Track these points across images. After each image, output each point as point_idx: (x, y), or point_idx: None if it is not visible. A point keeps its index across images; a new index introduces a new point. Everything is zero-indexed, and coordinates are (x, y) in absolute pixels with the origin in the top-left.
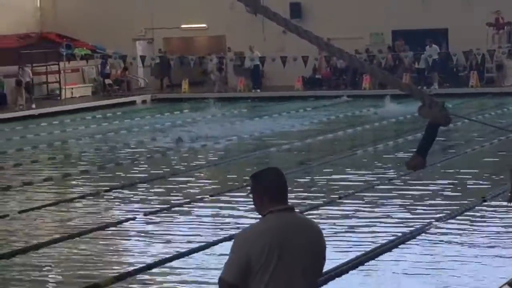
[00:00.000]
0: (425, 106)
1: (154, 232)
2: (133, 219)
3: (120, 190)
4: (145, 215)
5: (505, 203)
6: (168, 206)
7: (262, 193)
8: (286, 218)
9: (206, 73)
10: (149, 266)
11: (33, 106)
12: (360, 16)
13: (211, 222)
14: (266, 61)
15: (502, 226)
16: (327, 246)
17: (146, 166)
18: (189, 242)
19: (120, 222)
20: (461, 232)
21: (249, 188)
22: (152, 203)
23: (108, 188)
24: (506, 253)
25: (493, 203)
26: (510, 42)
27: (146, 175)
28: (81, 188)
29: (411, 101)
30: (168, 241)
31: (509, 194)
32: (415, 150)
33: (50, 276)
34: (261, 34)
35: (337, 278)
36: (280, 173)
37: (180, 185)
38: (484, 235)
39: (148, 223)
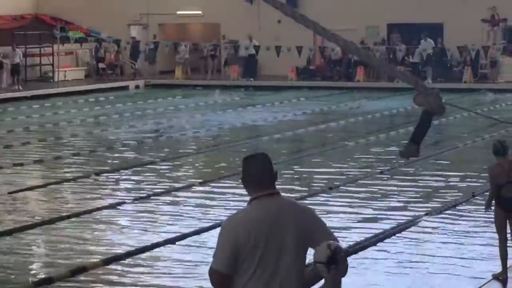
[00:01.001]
0: (420, 95)
1: (143, 217)
2: (122, 203)
3: (110, 174)
4: (134, 199)
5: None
6: (158, 191)
7: (248, 180)
8: (272, 204)
9: (204, 59)
10: (137, 251)
11: (20, 88)
12: (355, 8)
13: (200, 208)
14: (260, 50)
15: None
16: None
17: (137, 151)
18: (177, 227)
19: (109, 206)
20: (450, 227)
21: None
22: (141, 188)
23: (98, 172)
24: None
25: (483, 199)
26: (505, 39)
27: (136, 160)
28: (71, 171)
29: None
30: (157, 226)
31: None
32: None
33: (37, 258)
34: (256, 22)
35: None
36: (266, 159)
37: (170, 171)
38: (473, 231)
39: (136, 207)
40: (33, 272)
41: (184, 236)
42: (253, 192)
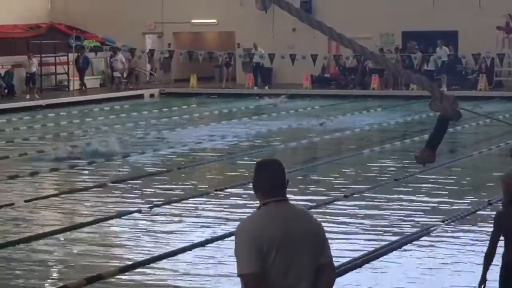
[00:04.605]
0: (436, 100)
1: (159, 225)
2: (138, 211)
3: (126, 181)
4: (150, 208)
5: None
6: (173, 199)
7: (258, 185)
8: (281, 210)
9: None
10: (154, 259)
11: (36, 96)
12: (370, 16)
13: (216, 216)
14: (275, 58)
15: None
16: (330, 243)
17: (152, 159)
18: (194, 235)
19: (125, 214)
20: (466, 234)
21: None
22: (157, 196)
23: (114, 180)
24: None
25: (499, 206)
26: None
27: (152, 168)
28: (87, 179)
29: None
30: (173, 234)
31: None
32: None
33: (54, 266)
34: (270, 31)
35: (341, 277)
36: (278, 166)
37: (186, 179)
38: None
39: (153, 216)
40: (49, 280)
41: (201, 244)
42: (262, 198)
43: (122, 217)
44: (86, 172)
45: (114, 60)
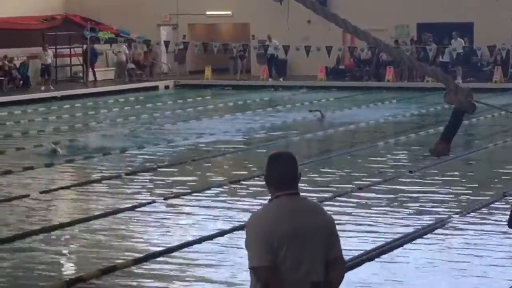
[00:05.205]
0: (451, 92)
1: (173, 216)
2: (153, 202)
3: (141, 173)
4: (165, 199)
5: None
6: (188, 191)
7: (270, 178)
8: (291, 203)
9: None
10: (168, 250)
11: (51, 88)
12: (385, 7)
13: (230, 208)
14: (289, 50)
15: None
16: (343, 237)
17: (167, 150)
18: (208, 227)
19: (140, 205)
20: (481, 227)
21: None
22: (171, 188)
23: (128, 172)
24: None
25: None
26: None
27: (167, 159)
28: (102, 171)
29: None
30: (187, 226)
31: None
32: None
33: (69, 257)
34: (285, 23)
35: (353, 269)
36: (290, 159)
37: (200, 171)
38: (504, 231)
39: (167, 207)
40: (64, 270)
41: (215, 236)
42: (274, 191)
43: (136, 209)
44: (101, 163)
45: (118, 52)
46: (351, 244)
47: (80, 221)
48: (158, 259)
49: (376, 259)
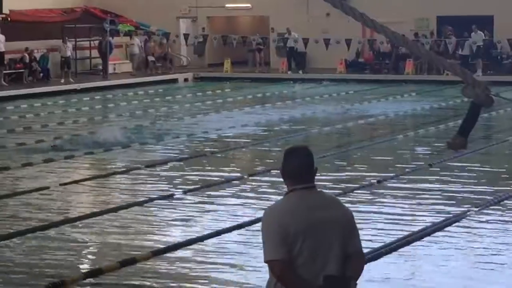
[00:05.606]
0: (468, 86)
1: (192, 209)
2: (172, 196)
3: (160, 166)
4: (183, 192)
5: None
6: (206, 184)
7: (286, 172)
8: (308, 196)
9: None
10: (186, 243)
11: (71, 80)
12: (405, 0)
13: (248, 201)
14: (309, 43)
15: None
16: (362, 229)
17: (186, 144)
18: (225, 220)
19: (158, 198)
20: (500, 220)
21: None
22: (190, 181)
23: (147, 164)
24: None
25: None
26: None
27: (185, 152)
28: (122, 163)
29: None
30: (205, 219)
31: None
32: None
33: (88, 249)
34: (305, 15)
35: (371, 263)
36: (307, 153)
37: (219, 164)
38: None
39: (185, 200)
40: (82, 263)
41: (232, 229)
42: (290, 184)
43: (155, 202)
44: (120, 156)
45: (131, 45)
46: (370, 237)
47: (99, 213)
48: (177, 251)
49: (395, 252)
